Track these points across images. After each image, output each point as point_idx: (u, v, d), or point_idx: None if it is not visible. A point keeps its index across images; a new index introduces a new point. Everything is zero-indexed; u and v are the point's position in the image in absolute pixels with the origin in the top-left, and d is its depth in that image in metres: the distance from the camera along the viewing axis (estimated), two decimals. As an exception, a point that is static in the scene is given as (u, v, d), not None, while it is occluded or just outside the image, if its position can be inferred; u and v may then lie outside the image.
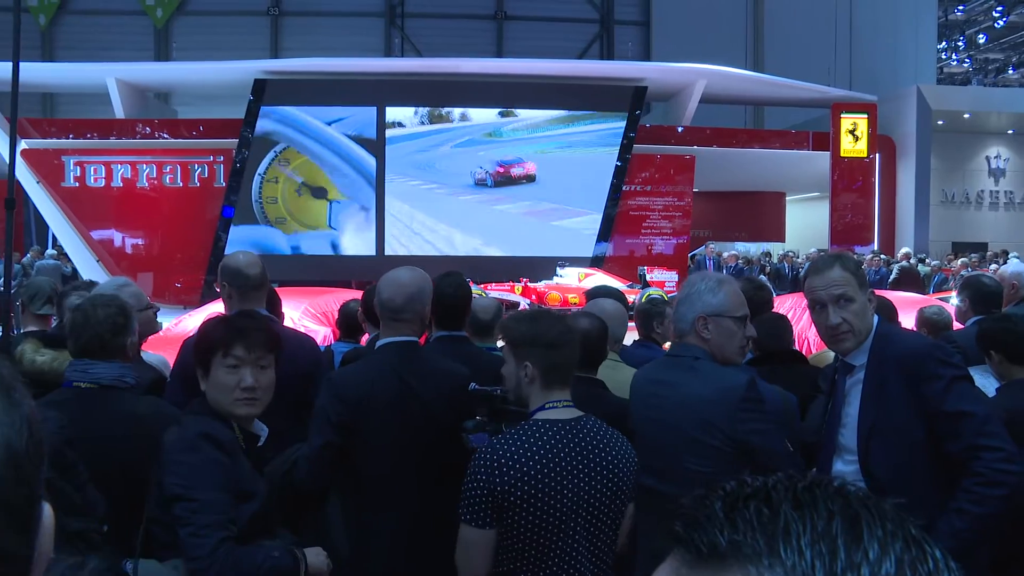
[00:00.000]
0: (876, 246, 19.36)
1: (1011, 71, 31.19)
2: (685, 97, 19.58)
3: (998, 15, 28.81)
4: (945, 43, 30.98)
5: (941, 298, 7.55)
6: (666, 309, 4.26)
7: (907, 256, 16.18)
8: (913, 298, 7.73)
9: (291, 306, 6.69)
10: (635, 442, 2.47)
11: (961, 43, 31.20)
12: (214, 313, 2.97)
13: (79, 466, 2.23)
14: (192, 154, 18.19)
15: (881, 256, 16.28)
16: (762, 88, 20.49)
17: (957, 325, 4.53)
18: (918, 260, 16.86)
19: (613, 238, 18.99)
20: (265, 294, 3.40)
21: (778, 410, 2.89)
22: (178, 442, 2.19)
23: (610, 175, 18.75)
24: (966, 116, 21.48)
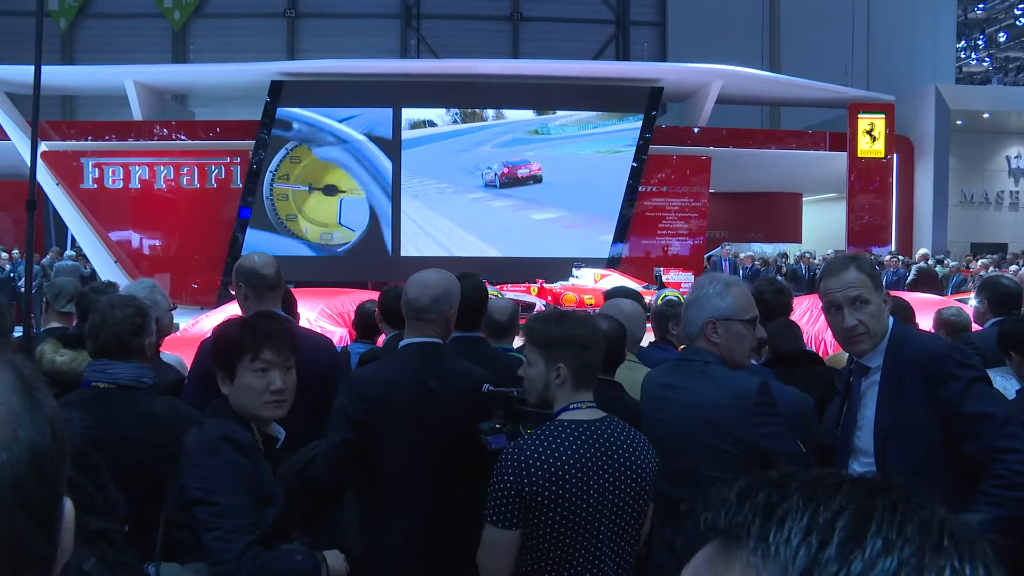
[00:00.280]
0: (893, 247, 19.22)
1: (1031, 70, 30.89)
2: (701, 98, 19.52)
3: (1020, 13, 28.46)
4: (964, 42, 30.66)
5: (959, 299, 7.48)
6: (682, 311, 4.24)
7: (925, 257, 16.05)
8: (931, 299, 7.68)
9: (307, 307, 6.71)
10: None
11: (981, 42, 30.84)
12: (232, 315, 2.97)
13: (101, 466, 2.23)
14: (209, 155, 18.33)
15: (899, 257, 16.15)
16: (778, 88, 20.38)
17: (975, 327, 4.50)
18: (936, 261, 16.72)
19: (629, 239, 18.95)
20: (280, 294, 3.40)
21: (795, 411, 2.87)
22: (198, 444, 2.18)
23: (626, 176, 18.73)
24: (985, 116, 21.30)
